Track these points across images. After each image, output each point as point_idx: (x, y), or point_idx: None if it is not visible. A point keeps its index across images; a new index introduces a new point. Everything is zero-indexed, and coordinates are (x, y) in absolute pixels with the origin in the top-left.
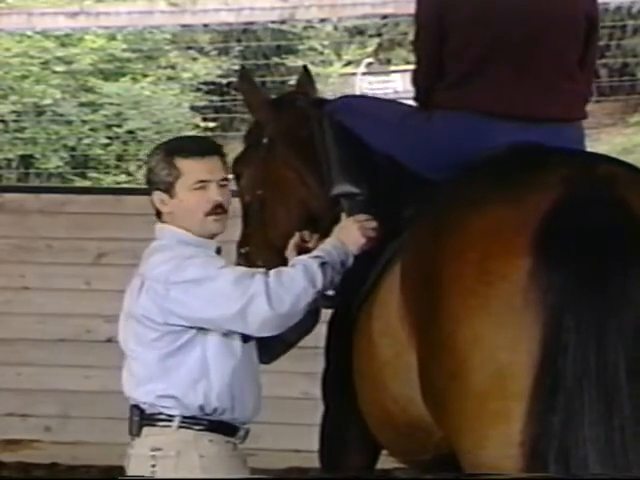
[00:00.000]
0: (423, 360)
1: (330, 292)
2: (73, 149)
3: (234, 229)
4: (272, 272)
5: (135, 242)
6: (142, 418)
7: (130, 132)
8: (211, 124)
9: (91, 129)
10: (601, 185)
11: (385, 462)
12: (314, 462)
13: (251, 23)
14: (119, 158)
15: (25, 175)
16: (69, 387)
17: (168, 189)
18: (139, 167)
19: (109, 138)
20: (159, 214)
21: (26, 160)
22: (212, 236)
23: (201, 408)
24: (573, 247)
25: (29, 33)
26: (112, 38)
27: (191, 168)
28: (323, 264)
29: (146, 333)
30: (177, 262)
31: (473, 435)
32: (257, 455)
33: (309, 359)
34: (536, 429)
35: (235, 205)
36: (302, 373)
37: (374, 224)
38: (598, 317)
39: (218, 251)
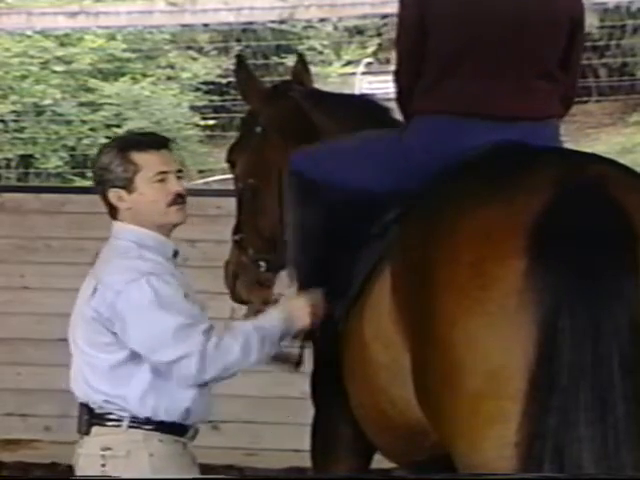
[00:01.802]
0: (417, 363)
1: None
2: (73, 149)
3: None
4: (214, 338)
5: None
6: (91, 417)
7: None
8: (210, 123)
9: (91, 129)
10: (592, 185)
11: (385, 462)
12: None
13: (251, 23)
14: None
15: (25, 175)
16: (69, 387)
17: (126, 185)
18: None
19: (109, 138)
20: (114, 213)
21: (26, 160)
22: (173, 227)
23: (148, 419)
24: (567, 248)
25: (29, 33)
26: (112, 38)
27: (149, 161)
28: (264, 338)
29: (97, 336)
30: (132, 276)
31: (468, 436)
32: (257, 455)
33: (309, 359)
34: (531, 429)
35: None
36: (302, 373)
37: (323, 301)
38: (593, 317)
39: (175, 254)
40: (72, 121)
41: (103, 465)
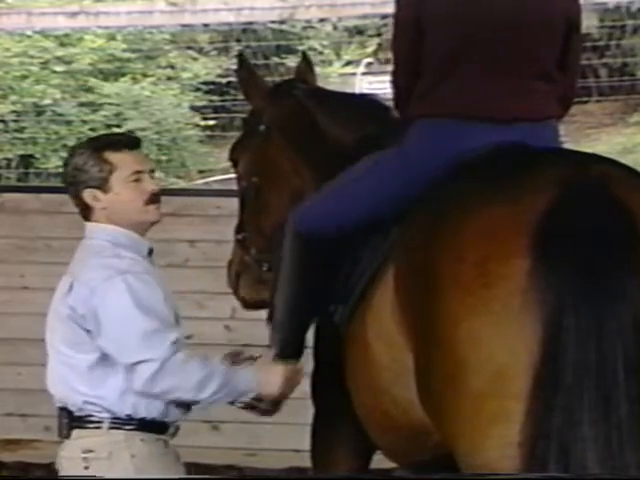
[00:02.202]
0: (420, 362)
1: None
2: (73, 149)
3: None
4: (182, 353)
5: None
6: (71, 420)
7: (130, 132)
8: (211, 124)
9: (91, 129)
10: (596, 185)
11: (385, 462)
12: None
13: (251, 23)
14: None
15: (25, 175)
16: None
17: (101, 185)
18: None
19: None
20: (87, 213)
21: (26, 160)
22: (149, 226)
23: (129, 416)
24: (570, 247)
25: (29, 33)
26: (112, 38)
27: (124, 161)
28: (225, 385)
29: (72, 336)
30: (108, 273)
31: (471, 436)
32: (257, 455)
33: (309, 359)
34: (535, 429)
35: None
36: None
37: (299, 372)
38: (597, 317)
39: (150, 252)
40: (72, 121)
41: (86, 467)
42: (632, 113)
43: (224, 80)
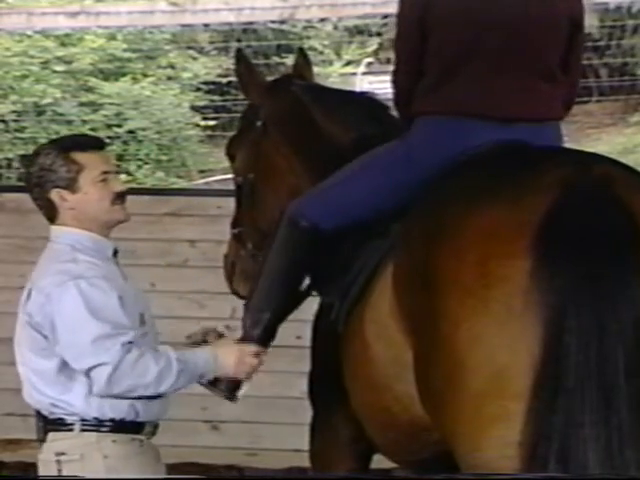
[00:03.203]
0: (420, 361)
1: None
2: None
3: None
4: (134, 352)
5: (135, 242)
6: (46, 423)
7: (130, 132)
8: (211, 123)
9: (91, 129)
10: (598, 185)
11: (385, 462)
12: None
13: (251, 23)
14: (119, 158)
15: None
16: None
17: (69, 185)
18: (139, 167)
19: (109, 138)
20: (53, 214)
21: (26, 160)
22: (116, 224)
23: (97, 419)
24: (573, 248)
25: (29, 33)
26: (112, 38)
27: (91, 161)
28: (181, 372)
29: (35, 342)
30: (62, 279)
31: (471, 436)
32: (257, 455)
33: (309, 359)
34: (536, 430)
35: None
36: (302, 373)
37: (256, 352)
38: (598, 317)
39: (115, 252)
40: (73, 121)
41: (59, 470)
42: (632, 113)
43: (224, 80)
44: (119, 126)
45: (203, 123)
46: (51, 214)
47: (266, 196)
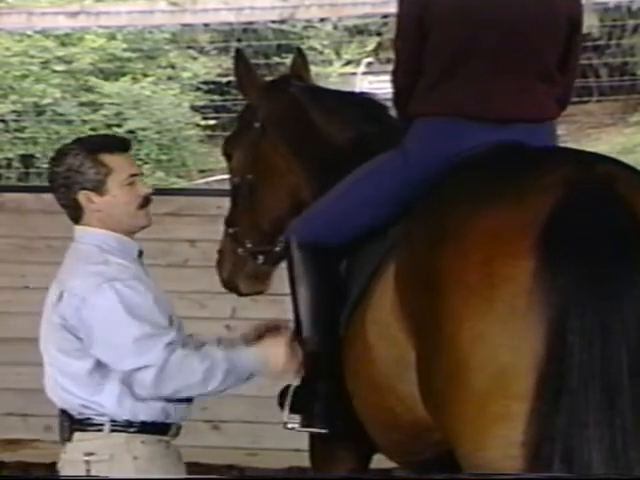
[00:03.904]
0: (422, 361)
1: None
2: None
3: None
4: (179, 354)
5: (135, 241)
6: (72, 423)
7: (130, 132)
8: (211, 123)
9: (91, 129)
10: (601, 185)
11: (385, 462)
12: None
13: (251, 23)
14: None
15: (25, 175)
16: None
17: (97, 187)
18: (139, 166)
19: None
20: (77, 215)
21: (26, 160)
22: (139, 230)
23: (128, 421)
24: (576, 248)
25: (29, 32)
26: (112, 38)
27: (120, 164)
28: (230, 371)
29: (66, 343)
30: (96, 281)
31: (474, 436)
32: (257, 455)
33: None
34: (539, 430)
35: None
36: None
37: (300, 350)
38: (602, 317)
39: (140, 254)
40: (73, 121)
41: (88, 470)
42: (632, 113)
43: (224, 80)
44: (119, 126)
45: (203, 123)
46: (76, 215)
47: (265, 197)
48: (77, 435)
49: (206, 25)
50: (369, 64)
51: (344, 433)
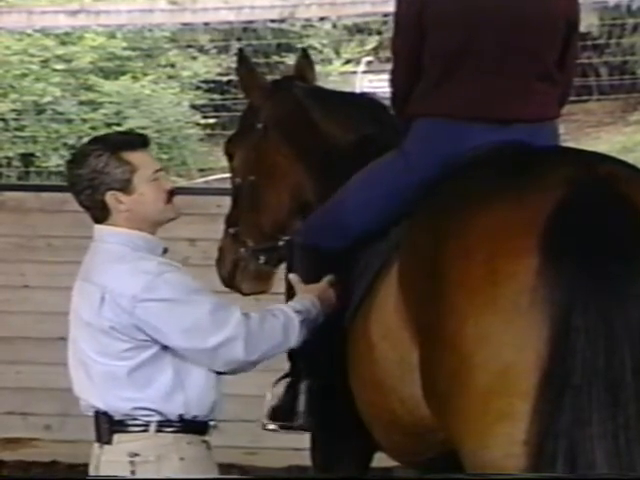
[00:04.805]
0: (426, 359)
1: None
2: (73, 147)
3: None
4: (255, 316)
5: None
6: (112, 425)
7: (130, 131)
8: (211, 122)
9: (91, 127)
10: (603, 184)
11: (385, 461)
12: None
13: (251, 22)
14: None
15: (25, 174)
16: (69, 386)
17: (125, 186)
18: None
19: None
20: (103, 216)
21: (26, 158)
22: (166, 222)
23: (180, 416)
24: (579, 246)
25: (29, 31)
26: (112, 36)
27: (144, 161)
28: (303, 321)
29: (113, 345)
30: (147, 278)
31: (477, 434)
32: (258, 454)
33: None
34: (542, 428)
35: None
36: None
37: (339, 284)
38: (605, 315)
39: (165, 251)
40: (72, 120)
41: (132, 472)
42: (632, 112)
43: (224, 79)
44: (119, 125)
45: (203, 122)
46: (102, 215)
47: (269, 198)
48: (117, 437)
49: (206, 24)
50: (369, 63)
51: (344, 432)
